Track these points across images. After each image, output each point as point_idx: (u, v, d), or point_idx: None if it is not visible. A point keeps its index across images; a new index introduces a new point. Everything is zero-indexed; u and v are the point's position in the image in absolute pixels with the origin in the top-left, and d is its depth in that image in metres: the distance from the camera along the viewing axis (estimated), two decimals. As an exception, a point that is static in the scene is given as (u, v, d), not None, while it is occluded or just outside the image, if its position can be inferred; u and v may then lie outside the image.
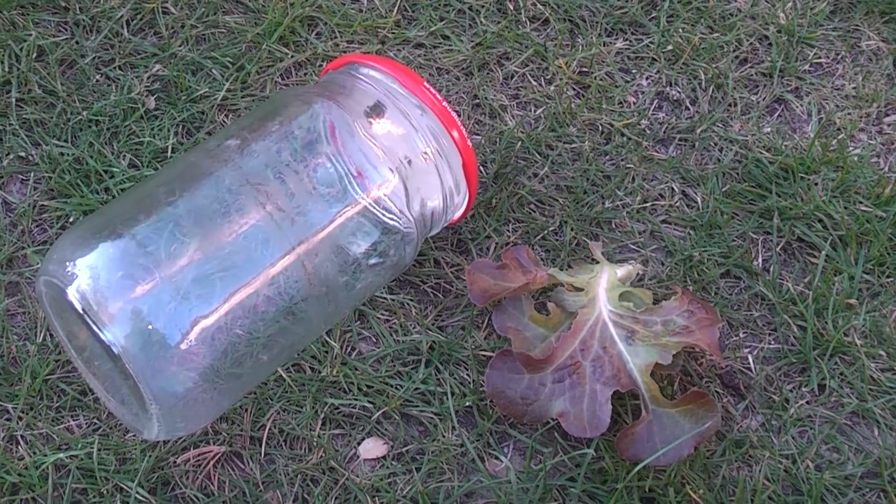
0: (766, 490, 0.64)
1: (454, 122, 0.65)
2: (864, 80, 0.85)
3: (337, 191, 0.61)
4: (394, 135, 0.64)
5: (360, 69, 0.66)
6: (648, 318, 0.66)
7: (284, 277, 0.58)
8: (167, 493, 0.63)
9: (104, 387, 0.61)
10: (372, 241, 0.62)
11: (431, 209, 0.66)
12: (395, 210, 0.62)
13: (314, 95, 0.64)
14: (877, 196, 0.77)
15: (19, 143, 0.77)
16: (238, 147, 0.61)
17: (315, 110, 0.63)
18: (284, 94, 0.66)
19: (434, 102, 0.64)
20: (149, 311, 0.54)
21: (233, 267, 0.57)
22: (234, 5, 0.87)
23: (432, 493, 0.63)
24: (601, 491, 0.63)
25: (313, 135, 0.62)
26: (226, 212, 0.58)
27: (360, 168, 0.61)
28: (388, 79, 0.65)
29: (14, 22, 0.84)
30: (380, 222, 0.62)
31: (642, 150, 0.80)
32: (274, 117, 0.63)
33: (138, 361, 0.53)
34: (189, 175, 0.60)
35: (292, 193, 0.59)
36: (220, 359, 0.56)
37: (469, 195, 0.68)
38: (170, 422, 0.56)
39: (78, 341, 0.60)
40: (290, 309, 0.58)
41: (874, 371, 0.69)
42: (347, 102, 0.64)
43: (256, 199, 0.58)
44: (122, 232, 0.56)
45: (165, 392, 0.54)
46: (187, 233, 0.57)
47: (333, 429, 0.66)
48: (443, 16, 0.87)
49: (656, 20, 0.88)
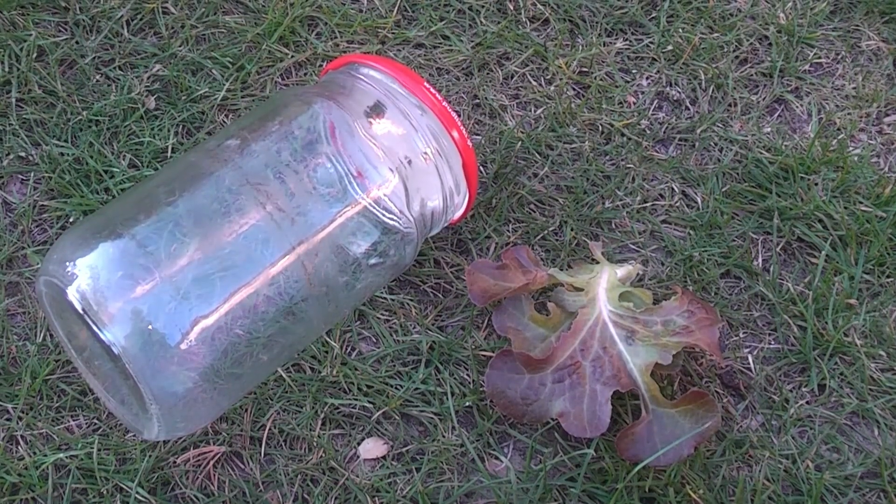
0: (766, 490, 0.64)
1: (454, 122, 0.65)
2: (864, 80, 0.85)
3: (337, 191, 0.61)
4: (394, 135, 0.64)
5: (360, 69, 0.66)
6: (648, 318, 0.66)
7: (284, 277, 0.58)
8: (167, 493, 0.63)
9: (104, 387, 0.61)
10: (372, 241, 0.62)
11: (431, 209, 0.66)
12: (395, 210, 0.62)
13: (314, 95, 0.64)
14: (877, 196, 0.77)
15: (19, 143, 0.77)
16: (238, 147, 0.61)
17: (315, 110, 0.63)
18: (284, 94, 0.66)
19: (434, 102, 0.64)
20: (149, 311, 0.54)
21: (233, 267, 0.56)
22: (234, 5, 0.87)
23: (432, 493, 0.63)
24: (601, 491, 0.63)
25: (313, 135, 0.62)
26: (226, 212, 0.58)
27: (360, 168, 0.61)
28: (388, 79, 0.65)
29: (14, 22, 0.84)
30: (380, 222, 0.62)
31: (642, 150, 0.80)
32: (274, 117, 0.63)
33: (138, 361, 0.53)
34: (189, 175, 0.60)
35: (292, 193, 0.59)
36: (220, 359, 0.56)
37: (469, 195, 0.68)
38: (170, 422, 0.56)
39: (78, 341, 0.60)
40: (290, 309, 0.58)
41: (874, 371, 0.69)
42: (347, 102, 0.64)
43: (256, 199, 0.58)
44: (122, 232, 0.56)
45: (165, 392, 0.54)
46: (187, 233, 0.57)
47: (333, 429, 0.66)
48: (443, 16, 0.87)
49: (656, 20, 0.88)
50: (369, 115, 0.64)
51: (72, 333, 0.60)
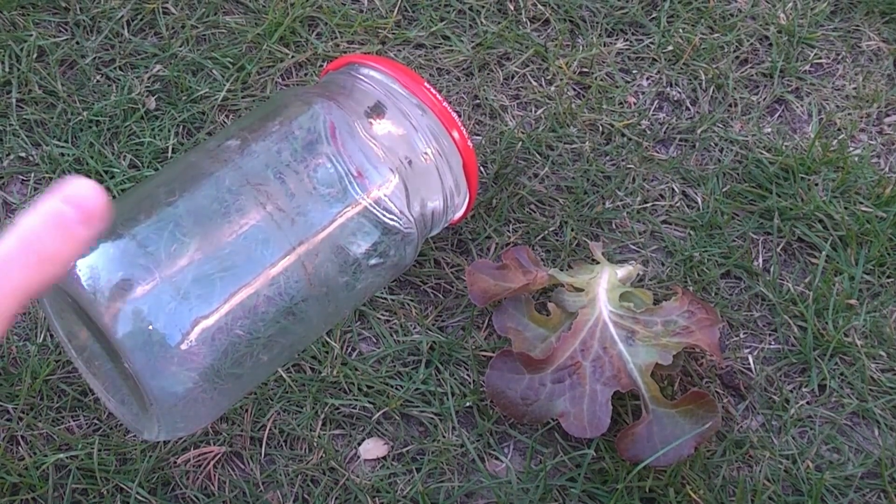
0: (767, 490, 0.64)
1: (454, 123, 0.65)
2: (865, 81, 0.85)
3: (337, 191, 0.61)
4: (394, 135, 0.64)
5: (361, 69, 0.66)
6: (649, 318, 0.66)
7: (285, 278, 0.58)
8: (167, 494, 0.63)
9: (104, 387, 0.61)
10: (372, 241, 0.61)
11: (432, 209, 0.66)
12: (395, 210, 0.62)
13: (314, 96, 0.64)
14: (877, 196, 0.77)
15: (19, 144, 0.77)
16: (238, 147, 0.61)
17: (315, 110, 0.63)
18: (284, 95, 0.66)
19: (434, 102, 0.64)
20: (149, 311, 0.54)
21: (233, 267, 0.56)
22: (234, 5, 0.87)
23: (432, 494, 0.63)
24: (601, 491, 0.63)
25: (313, 135, 0.62)
26: (226, 212, 0.58)
27: (360, 168, 0.61)
28: (388, 79, 0.65)
29: (14, 22, 0.84)
30: (380, 223, 0.62)
31: (643, 150, 0.80)
32: (274, 117, 0.63)
33: (138, 361, 0.53)
34: (189, 175, 0.60)
35: (292, 194, 0.59)
36: (221, 359, 0.56)
37: (469, 195, 0.68)
38: (170, 422, 0.56)
39: (78, 341, 0.60)
40: (291, 309, 0.58)
41: (874, 371, 0.69)
42: (348, 103, 0.64)
43: (256, 200, 0.58)
44: (123, 232, 0.56)
45: (165, 392, 0.54)
46: (187, 233, 0.57)
47: (334, 429, 0.66)
48: (443, 16, 0.87)
49: (657, 20, 0.88)
50: (370, 115, 0.64)
51: (72, 333, 0.60)
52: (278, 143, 0.62)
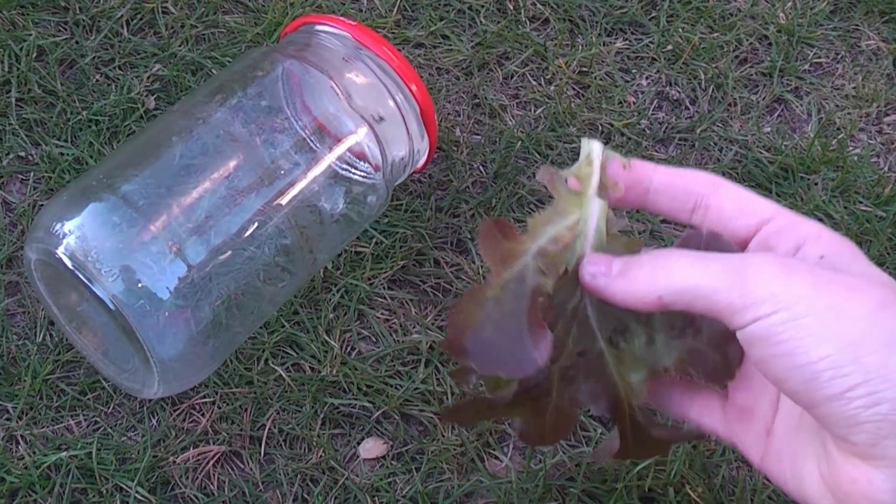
0: (766, 490, 0.64)
1: (414, 76, 0.68)
2: (864, 80, 0.85)
3: (310, 144, 0.63)
4: (361, 88, 0.66)
5: (322, 28, 0.69)
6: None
7: (265, 228, 0.60)
8: (167, 493, 0.63)
9: (98, 352, 0.62)
10: (344, 190, 0.64)
11: (399, 158, 0.69)
12: (364, 162, 0.65)
13: (280, 54, 0.67)
14: (877, 196, 0.77)
15: (19, 143, 0.77)
16: (213, 104, 0.64)
17: (283, 66, 0.66)
18: (254, 53, 0.69)
19: (393, 59, 0.67)
20: (139, 267, 0.55)
21: (216, 220, 0.58)
22: (233, 5, 0.87)
23: (432, 493, 0.63)
24: (601, 491, 0.63)
25: (282, 91, 0.65)
26: (204, 167, 0.60)
27: (331, 121, 0.64)
28: (348, 36, 0.68)
29: (14, 22, 0.84)
30: (351, 174, 0.64)
31: (642, 149, 0.80)
32: (245, 75, 0.66)
33: (132, 316, 0.54)
34: (166, 134, 0.63)
35: (267, 147, 0.61)
36: (212, 309, 0.58)
37: (430, 142, 0.70)
38: (167, 376, 0.57)
39: (69, 310, 0.61)
40: (273, 259, 0.61)
41: (874, 371, 0.69)
42: (314, 59, 0.66)
43: (235, 153, 0.61)
44: (108, 191, 0.58)
45: (161, 345, 0.56)
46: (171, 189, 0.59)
47: (333, 429, 0.66)
48: (443, 15, 0.87)
49: (656, 20, 0.88)
50: (337, 69, 0.66)
51: (62, 304, 0.61)
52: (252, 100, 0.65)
